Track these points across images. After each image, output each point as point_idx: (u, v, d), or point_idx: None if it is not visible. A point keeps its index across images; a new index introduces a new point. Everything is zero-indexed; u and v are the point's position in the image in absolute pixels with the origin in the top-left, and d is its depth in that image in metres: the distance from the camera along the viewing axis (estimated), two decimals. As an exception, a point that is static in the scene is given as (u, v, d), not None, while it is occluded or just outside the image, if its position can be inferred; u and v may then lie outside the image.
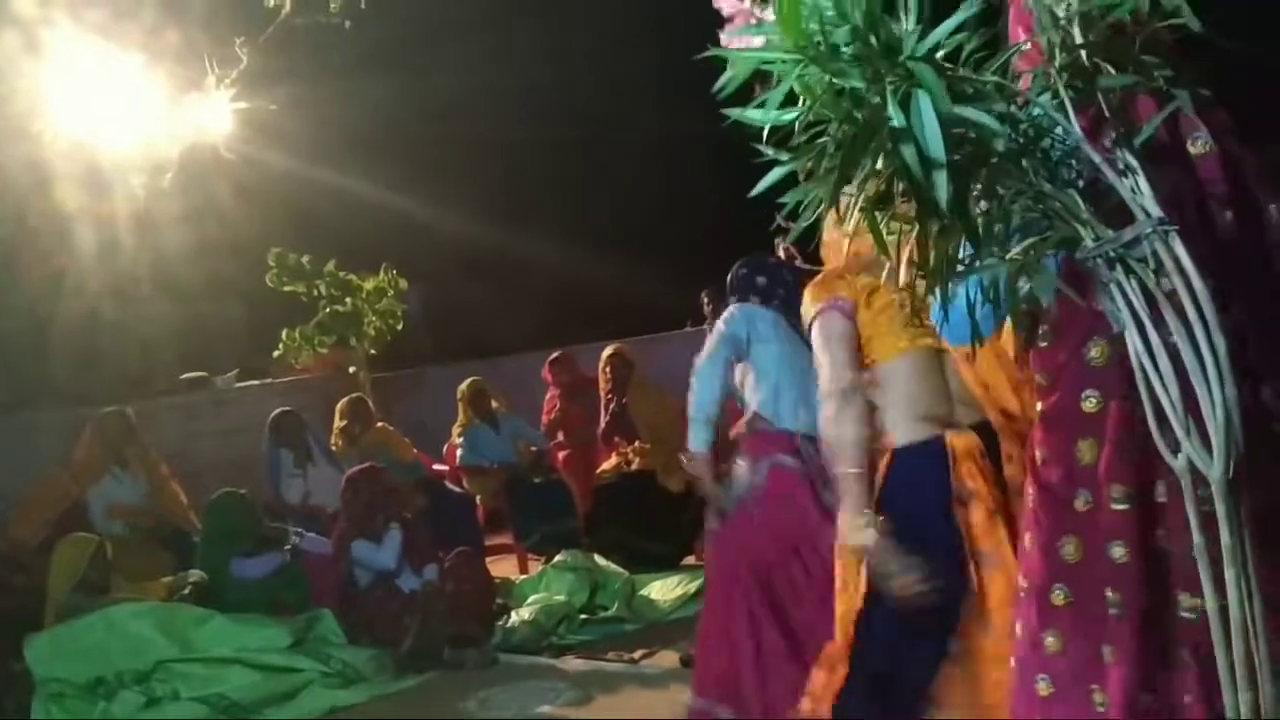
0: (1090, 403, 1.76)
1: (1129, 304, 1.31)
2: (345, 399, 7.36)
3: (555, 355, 7.77)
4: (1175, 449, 1.30)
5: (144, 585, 5.17)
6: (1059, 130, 1.35)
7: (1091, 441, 1.79)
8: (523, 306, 12.02)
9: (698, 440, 3.77)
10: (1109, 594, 1.79)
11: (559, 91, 11.89)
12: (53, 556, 4.95)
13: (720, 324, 3.86)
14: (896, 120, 1.18)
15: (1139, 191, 1.33)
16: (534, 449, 7.47)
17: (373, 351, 9.07)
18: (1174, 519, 1.66)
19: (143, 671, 4.33)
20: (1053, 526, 1.86)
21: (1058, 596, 1.88)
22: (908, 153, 1.18)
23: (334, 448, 7.02)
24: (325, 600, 5.09)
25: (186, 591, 5.04)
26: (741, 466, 3.69)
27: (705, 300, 10.42)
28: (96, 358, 8.31)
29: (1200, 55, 1.52)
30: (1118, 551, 1.76)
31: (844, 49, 1.23)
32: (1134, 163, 1.35)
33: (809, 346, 3.49)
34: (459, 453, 7.46)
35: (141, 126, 8.20)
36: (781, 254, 8.84)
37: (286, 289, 8.77)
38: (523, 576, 6.33)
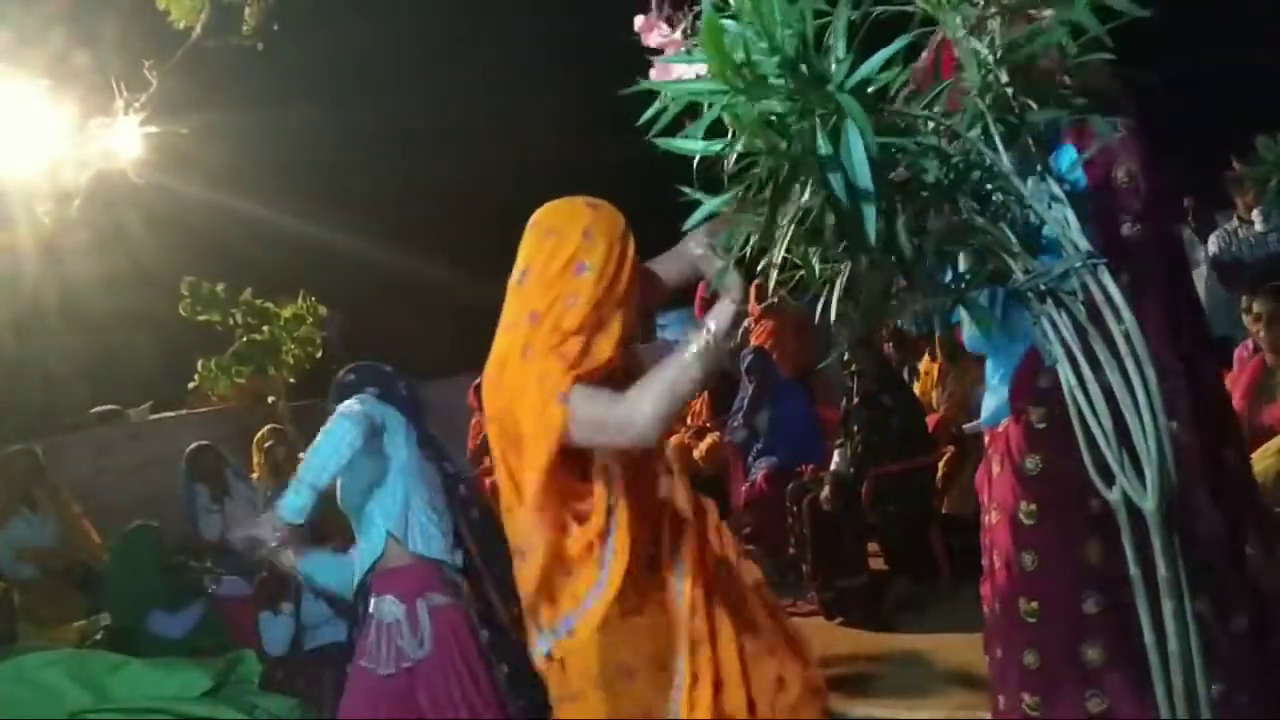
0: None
1: (1060, 337, 1.32)
2: (264, 429, 7.19)
3: (480, 379, 7.69)
4: (1110, 481, 1.31)
5: (55, 631, 4.97)
6: (989, 163, 1.35)
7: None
8: (444, 330, 11.93)
9: (294, 508, 2.79)
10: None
11: (475, 117, 11.87)
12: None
13: (353, 403, 3.03)
14: (825, 150, 1.17)
15: (1068, 224, 1.34)
16: (460, 475, 7.37)
17: (291, 380, 8.90)
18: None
19: (55, 723, 4.15)
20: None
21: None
22: (836, 182, 1.17)
23: (254, 475, 6.86)
24: (246, 642, 4.92)
25: (99, 637, 4.85)
26: (390, 611, 3.04)
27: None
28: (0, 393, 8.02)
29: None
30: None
31: (773, 79, 1.22)
32: (1061, 195, 1.37)
33: (436, 463, 3.24)
34: (383, 483, 7.30)
35: (48, 152, 7.99)
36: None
37: (201, 318, 8.57)
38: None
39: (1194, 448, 1.88)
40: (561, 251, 2.04)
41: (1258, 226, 6.16)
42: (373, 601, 3.08)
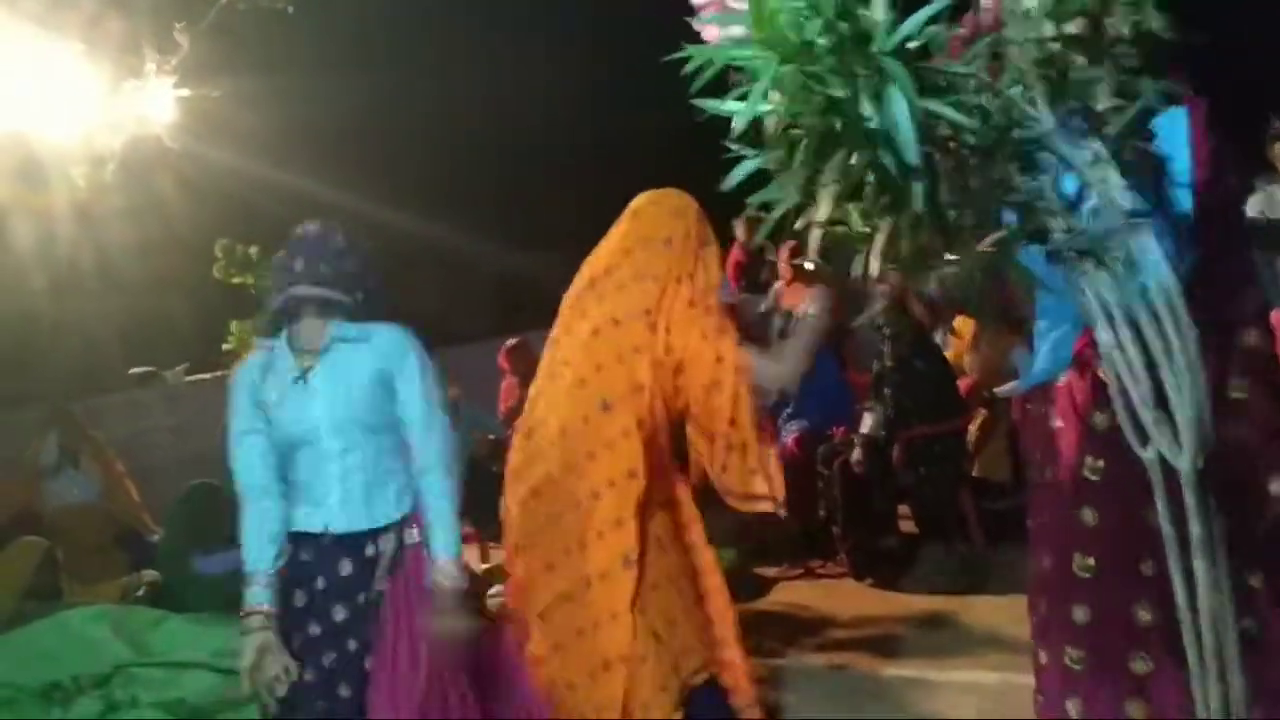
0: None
1: (1099, 297, 1.32)
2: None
3: (512, 343, 7.73)
4: (1145, 441, 1.31)
5: (97, 588, 5.07)
6: (1030, 122, 1.34)
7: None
8: (476, 294, 11.98)
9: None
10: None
11: (508, 82, 11.83)
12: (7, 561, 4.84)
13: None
14: (872, 119, 1.17)
15: (1110, 184, 1.33)
16: (491, 438, 7.41)
17: (324, 341, 8.96)
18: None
19: (101, 676, 4.24)
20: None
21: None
22: (883, 153, 1.17)
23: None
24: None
25: (141, 593, 4.94)
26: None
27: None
28: (38, 356, 8.14)
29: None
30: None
31: (817, 43, 1.21)
32: (1105, 154, 1.35)
33: None
34: (416, 444, 7.40)
35: (81, 116, 8.03)
36: (741, 235, 8.89)
37: (235, 281, 8.61)
38: (484, 566, 6.30)
39: (1262, 412, 1.87)
40: (694, 231, 2.92)
41: None
42: None
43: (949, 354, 6.45)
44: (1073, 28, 1.40)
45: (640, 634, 2.74)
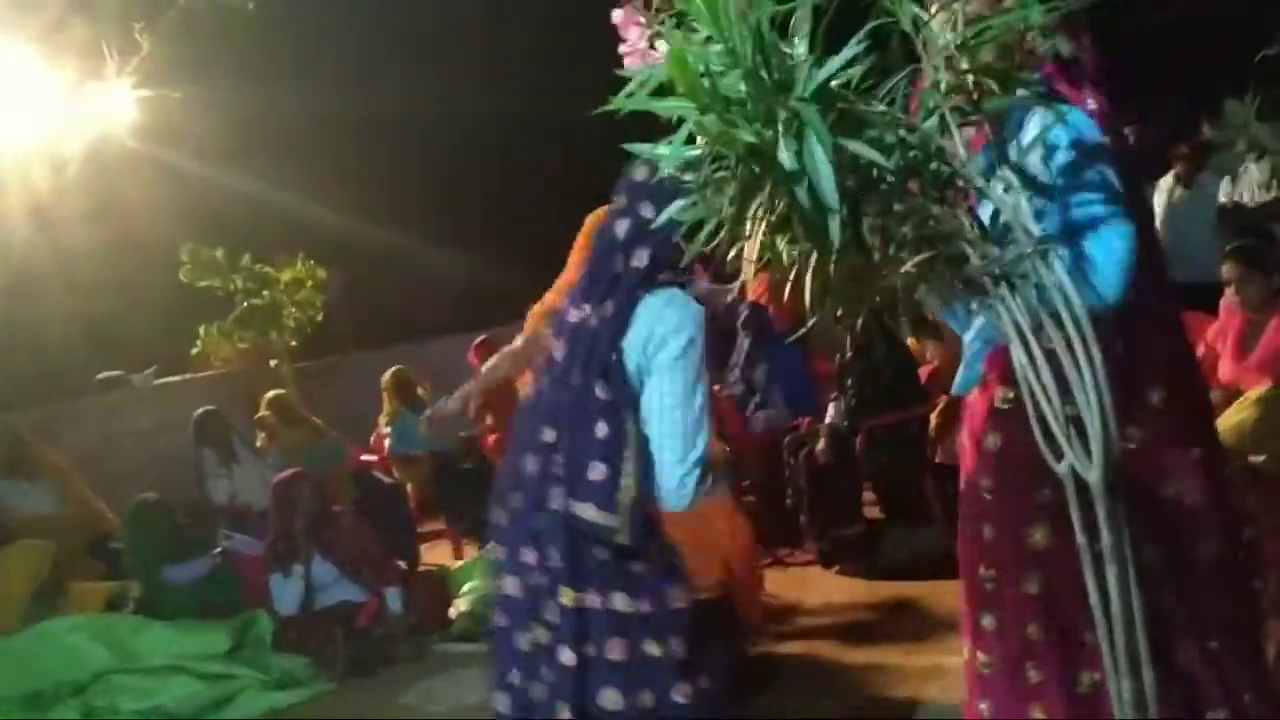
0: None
1: (1013, 319, 1.39)
2: (267, 396, 7.33)
3: (481, 338, 7.77)
4: (1059, 456, 1.39)
5: (84, 587, 5.06)
6: (945, 154, 1.41)
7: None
8: (445, 290, 11.98)
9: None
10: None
11: (474, 84, 11.81)
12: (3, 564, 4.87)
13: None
14: (788, 162, 1.24)
15: (1020, 210, 1.41)
16: (463, 435, 7.47)
17: (293, 342, 8.97)
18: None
19: (81, 684, 4.28)
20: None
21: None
22: (800, 193, 1.24)
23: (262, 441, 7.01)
24: (259, 601, 5.06)
25: (130, 608, 4.92)
26: None
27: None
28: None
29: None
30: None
31: (734, 93, 1.28)
32: (1015, 181, 1.43)
33: None
34: (388, 443, 7.45)
35: (43, 119, 7.98)
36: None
37: (202, 284, 8.60)
38: (457, 563, 6.37)
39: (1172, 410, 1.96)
40: None
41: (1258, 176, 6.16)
42: None
43: (910, 342, 6.54)
44: (986, 56, 1.48)
45: None
